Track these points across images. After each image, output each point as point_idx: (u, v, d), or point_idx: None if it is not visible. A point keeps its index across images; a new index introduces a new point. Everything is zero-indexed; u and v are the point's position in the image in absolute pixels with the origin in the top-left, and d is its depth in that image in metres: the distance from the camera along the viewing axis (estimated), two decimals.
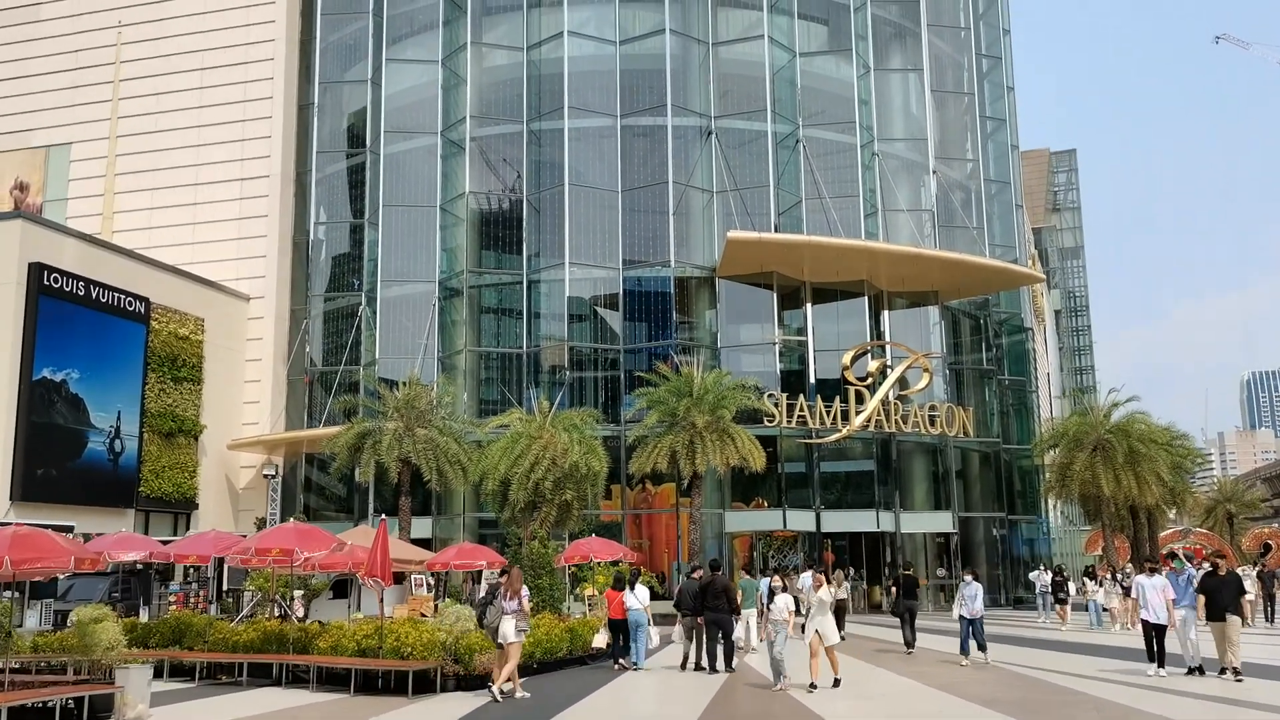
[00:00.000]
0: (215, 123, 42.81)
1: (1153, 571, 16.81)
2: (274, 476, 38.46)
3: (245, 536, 23.88)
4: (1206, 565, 18.20)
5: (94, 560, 12.30)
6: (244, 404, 40.77)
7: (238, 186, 42.34)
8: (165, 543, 24.43)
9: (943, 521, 38.35)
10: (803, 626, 15.63)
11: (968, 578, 19.54)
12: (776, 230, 36.64)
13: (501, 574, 17.47)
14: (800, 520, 35.61)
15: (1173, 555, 34.57)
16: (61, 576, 21.61)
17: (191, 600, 27.08)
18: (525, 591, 15.46)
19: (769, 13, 38.82)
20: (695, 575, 18.72)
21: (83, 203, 44.06)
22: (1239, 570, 22.32)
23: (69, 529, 25.50)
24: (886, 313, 38.78)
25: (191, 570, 28.55)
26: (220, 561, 24.33)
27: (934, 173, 40.67)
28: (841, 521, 36.59)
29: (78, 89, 45.19)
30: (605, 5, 38.87)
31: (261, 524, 36.98)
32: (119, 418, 34.89)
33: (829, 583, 18.54)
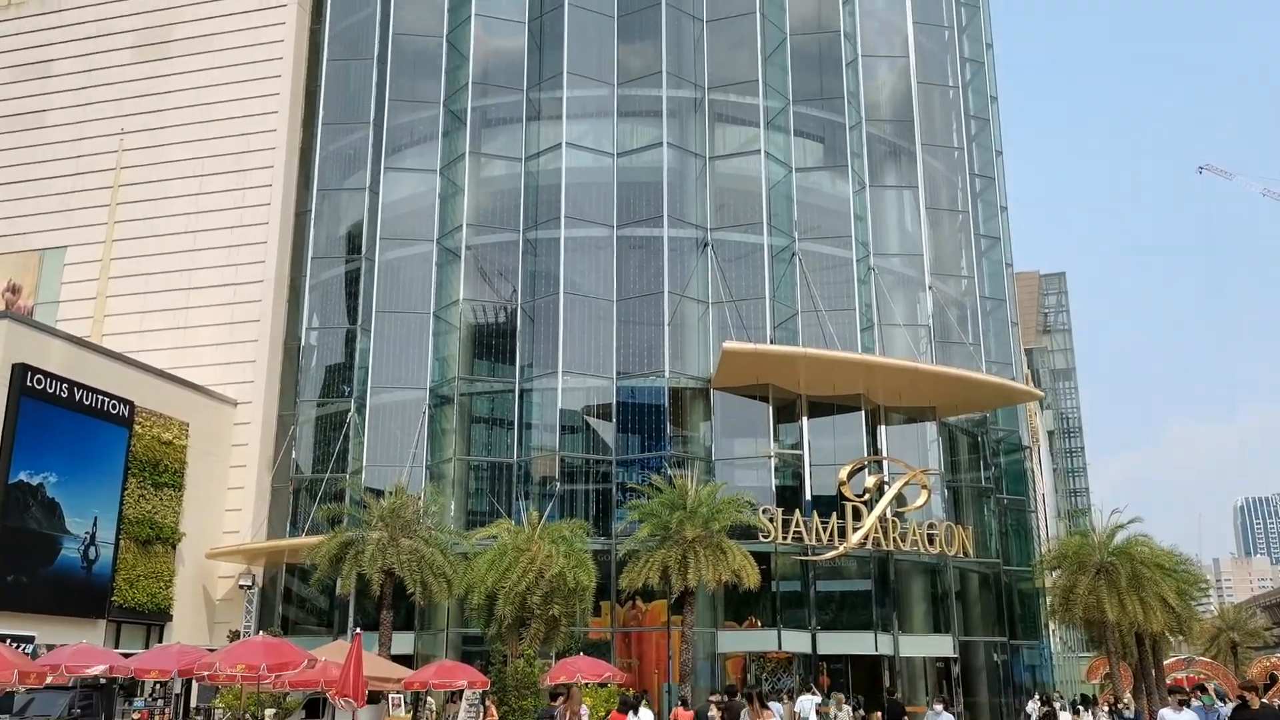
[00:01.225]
0: (211, 228, 42.87)
1: (1181, 704, 15.76)
2: (251, 587, 37.25)
3: (213, 650, 22.77)
4: (1232, 698, 17.14)
5: (40, 674, 11.40)
6: (225, 511, 39.77)
7: (231, 291, 42.15)
8: (128, 655, 23.28)
9: (943, 645, 37.10)
10: None
11: (938, 706, 18.50)
12: (772, 342, 36.34)
13: (553, 697, 16.42)
14: (795, 641, 34.38)
15: (1201, 688, 33.21)
16: (21, 690, 20.45)
17: (156, 718, 25.77)
18: (585, 711, 14.45)
19: (765, 129, 39.27)
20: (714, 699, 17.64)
21: (74, 305, 43.81)
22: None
23: (29, 639, 24.36)
24: (884, 428, 38.24)
25: (158, 686, 27.25)
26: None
27: (930, 288, 40.65)
28: (838, 643, 35.35)
29: (76, 194, 45.42)
30: (604, 119, 39.33)
31: (235, 637, 35.62)
32: (95, 523, 33.88)
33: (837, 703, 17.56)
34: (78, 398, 33.55)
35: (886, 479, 36.57)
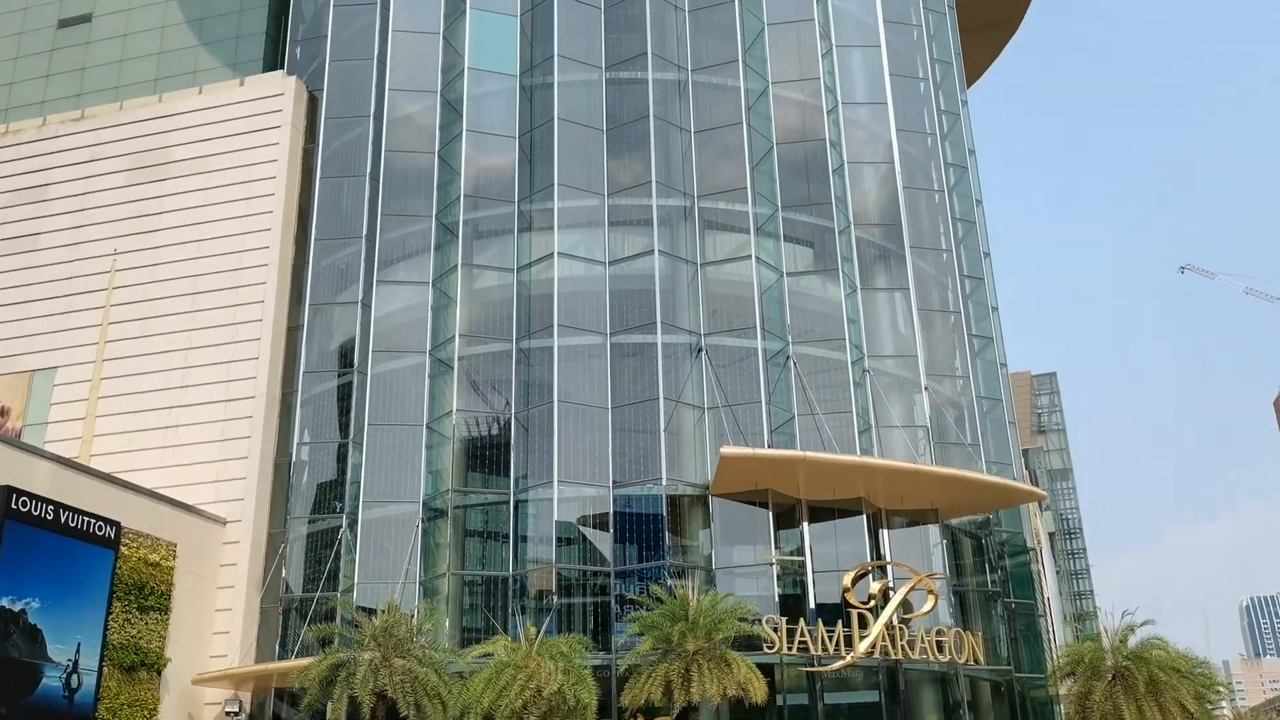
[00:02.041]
0: (203, 345, 42.68)
1: None
2: (238, 714, 35.96)
3: None
4: None
5: None
6: (212, 635, 38.59)
7: (221, 408, 41.73)
8: None
9: None
10: None
11: None
12: (770, 447, 35.97)
13: None
14: None
15: None
16: None
17: None
18: None
19: (755, 235, 39.62)
20: None
21: (63, 426, 43.30)
22: None
23: None
24: (886, 532, 37.61)
25: None
26: None
27: (925, 390, 40.49)
28: None
29: (69, 314, 45.32)
30: (595, 228, 39.66)
31: None
32: (78, 650, 32.74)
33: None
34: (63, 520, 32.79)
35: (891, 585, 35.77)
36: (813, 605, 35.15)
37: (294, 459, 41.52)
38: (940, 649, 35.38)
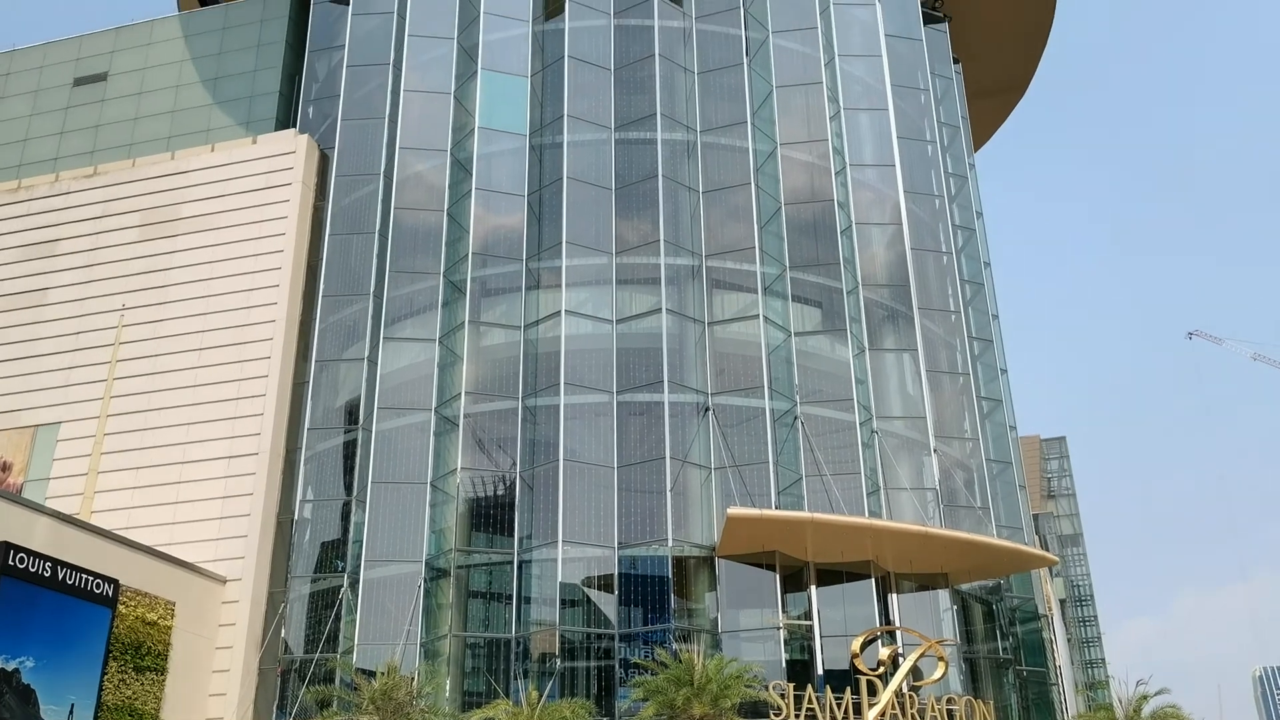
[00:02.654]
0: (208, 401, 42.48)
1: None
2: None
3: None
4: None
5: None
6: (209, 696, 37.86)
7: (224, 465, 41.42)
8: None
9: None
10: None
11: None
12: (777, 508, 35.54)
13: None
14: None
15: None
16: None
17: None
18: None
19: (763, 295, 39.59)
20: None
21: (65, 482, 42.98)
22: None
23: None
24: (895, 596, 36.98)
25: None
26: None
27: (934, 452, 40.10)
28: None
29: (74, 369, 45.23)
30: (603, 286, 39.64)
31: None
32: (72, 711, 32.10)
33: None
34: (61, 577, 32.35)
35: (901, 651, 35.07)
36: (821, 671, 34.43)
37: (296, 516, 41.13)
38: (951, 717, 34.58)
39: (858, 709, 33.21)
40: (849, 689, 33.49)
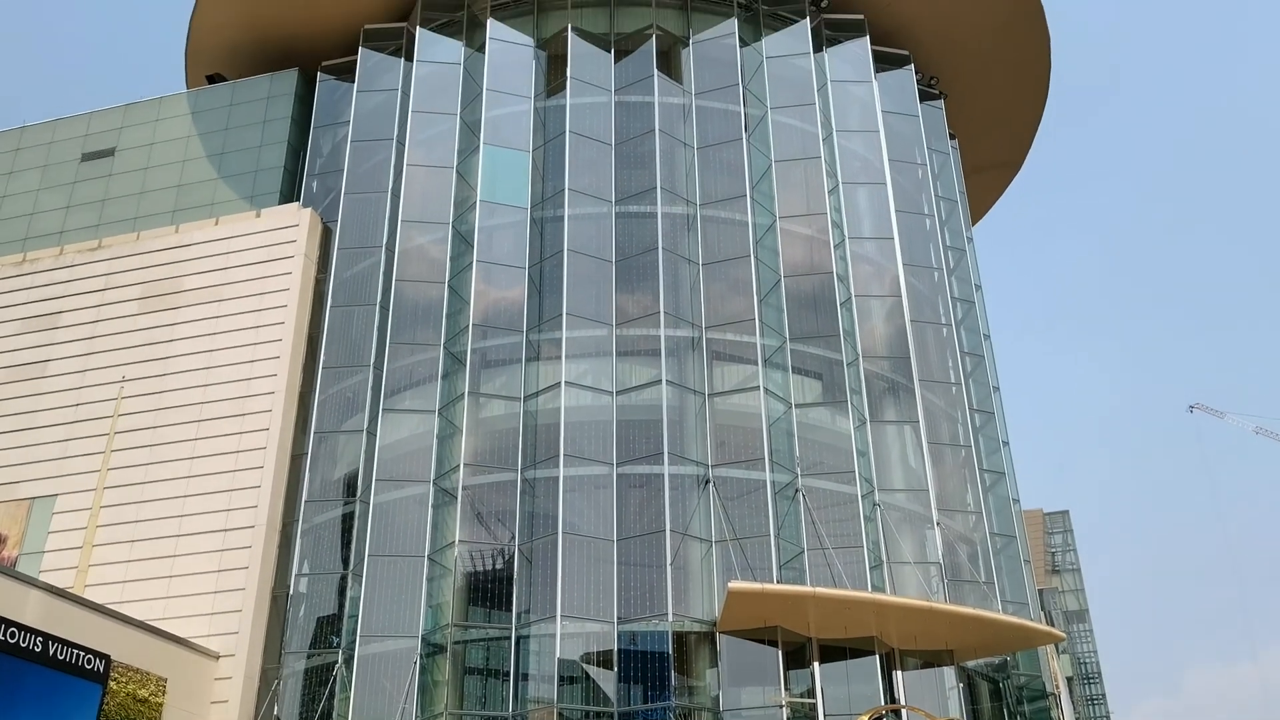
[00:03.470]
0: (205, 473, 42.25)
1: None
2: None
3: None
4: None
5: None
6: None
7: (220, 538, 41.02)
8: None
9: None
10: None
11: None
12: (779, 582, 35.09)
13: None
14: None
15: None
16: None
17: None
18: None
19: (763, 366, 39.57)
20: None
21: (60, 555, 42.55)
22: None
23: None
24: (900, 673, 36.31)
25: None
26: None
27: (938, 525, 39.74)
28: None
29: (71, 441, 45.06)
30: (603, 358, 39.65)
31: None
32: None
33: None
34: (52, 652, 31.83)
35: None
36: None
37: (292, 591, 40.61)
38: None
39: None
40: None
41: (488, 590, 37.60)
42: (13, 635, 30.74)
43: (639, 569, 36.16)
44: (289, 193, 49.09)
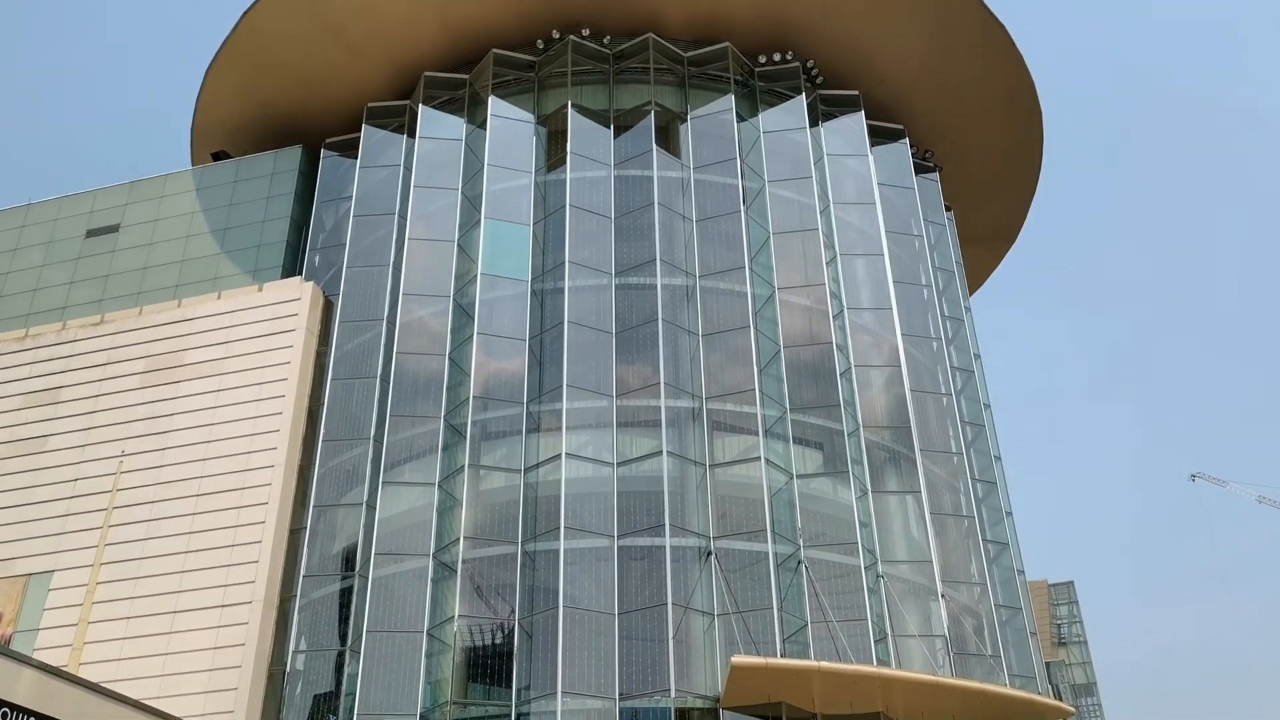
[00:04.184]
0: (203, 548, 41.94)
1: None
2: None
3: None
4: None
5: None
6: None
7: (217, 614, 40.56)
8: None
9: None
10: None
11: None
12: (782, 656, 34.60)
13: None
14: None
15: None
16: None
17: None
18: None
19: (764, 437, 39.51)
20: None
21: (55, 632, 42.04)
22: None
23: None
24: None
25: None
26: None
27: (942, 597, 39.33)
28: None
29: (69, 517, 44.82)
30: (603, 429, 39.62)
31: None
32: None
33: None
34: None
35: None
36: None
37: (289, 668, 40.02)
38: None
39: None
40: None
41: (487, 666, 37.09)
42: (5, 716, 30.23)
43: (640, 643, 35.71)
44: (291, 267, 49.51)
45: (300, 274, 48.45)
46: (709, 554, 37.22)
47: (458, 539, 38.27)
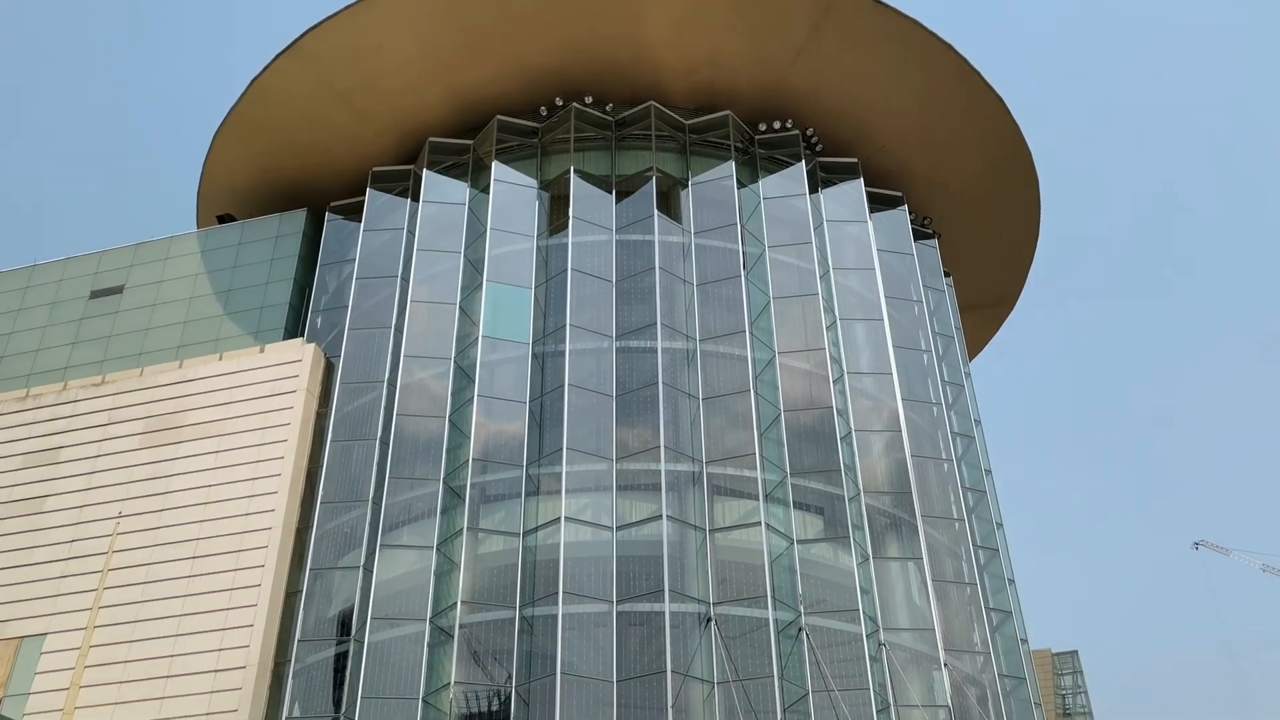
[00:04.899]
0: (197, 611, 41.48)
1: None
2: None
3: None
4: None
5: None
6: None
7: (211, 679, 39.97)
8: None
9: None
10: None
11: None
12: None
13: None
14: None
15: None
16: None
17: None
18: None
19: (765, 501, 39.32)
20: None
21: (46, 696, 41.42)
22: None
23: None
24: None
25: None
26: None
27: (945, 666, 38.81)
28: None
29: (64, 579, 44.42)
30: (603, 493, 39.46)
31: None
32: None
33: None
34: None
35: None
36: None
37: None
38: None
39: None
40: None
41: None
42: None
43: (639, 711, 35.18)
44: (294, 329, 49.69)
45: (302, 335, 48.62)
46: (709, 620, 36.82)
47: (455, 603, 37.91)
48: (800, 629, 37.03)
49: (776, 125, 50.54)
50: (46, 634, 43.20)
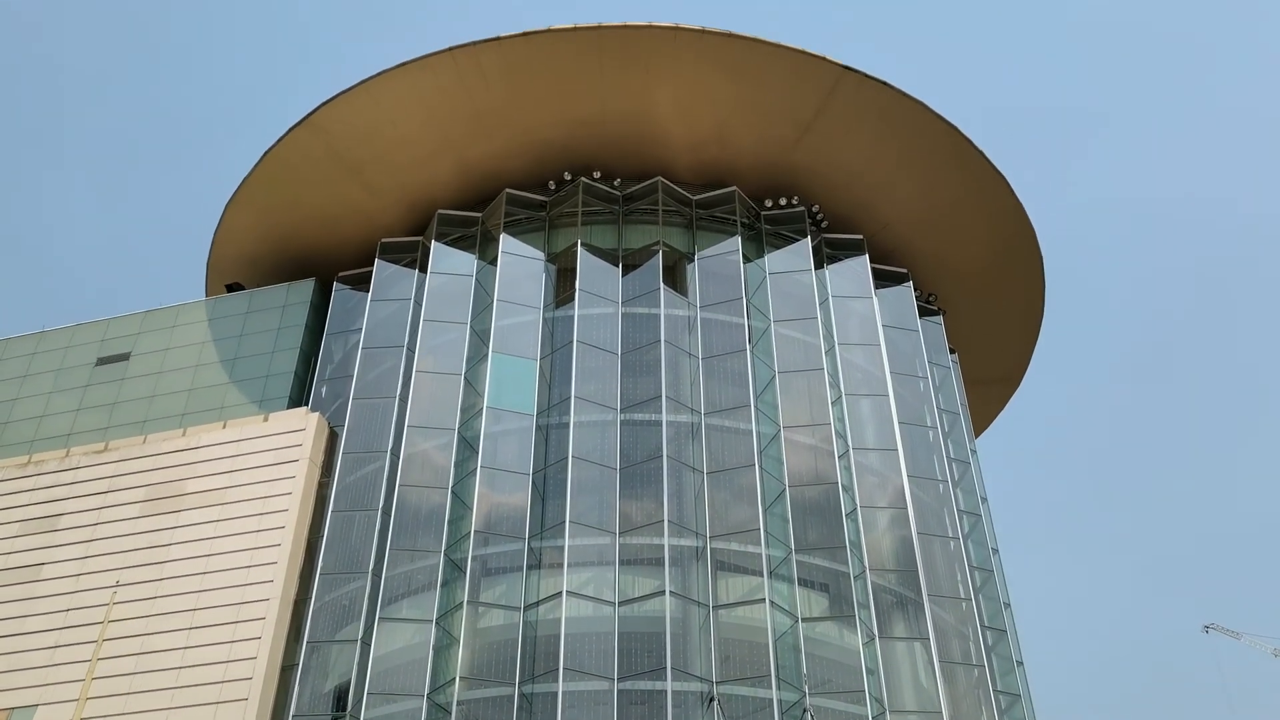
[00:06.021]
0: (191, 684, 40.74)
1: None
2: None
3: None
4: None
5: None
6: None
7: None
8: None
9: None
10: None
11: None
12: None
13: None
14: None
15: None
16: None
17: None
18: None
19: (769, 578, 38.83)
20: None
21: None
22: None
23: None
24: None
25: None
26: None
27: None
28: None
29: (59, 649, 43.76)
30: (605, 567, 39.02)
31: None
32: None
33: None
34: None
35: None
36: None
37: None
38: None
39: None
40: None
41: None
42: None
43: None
44: (298, 398, 49.65)
45: (307, 405, 48.55)
46: (712, 699, 36.11)
47: (453, 679, 37.26)
48: (805, 710, 36.29)
49: (782, 201, 51.04)
50: (38, 705, 42.40)
